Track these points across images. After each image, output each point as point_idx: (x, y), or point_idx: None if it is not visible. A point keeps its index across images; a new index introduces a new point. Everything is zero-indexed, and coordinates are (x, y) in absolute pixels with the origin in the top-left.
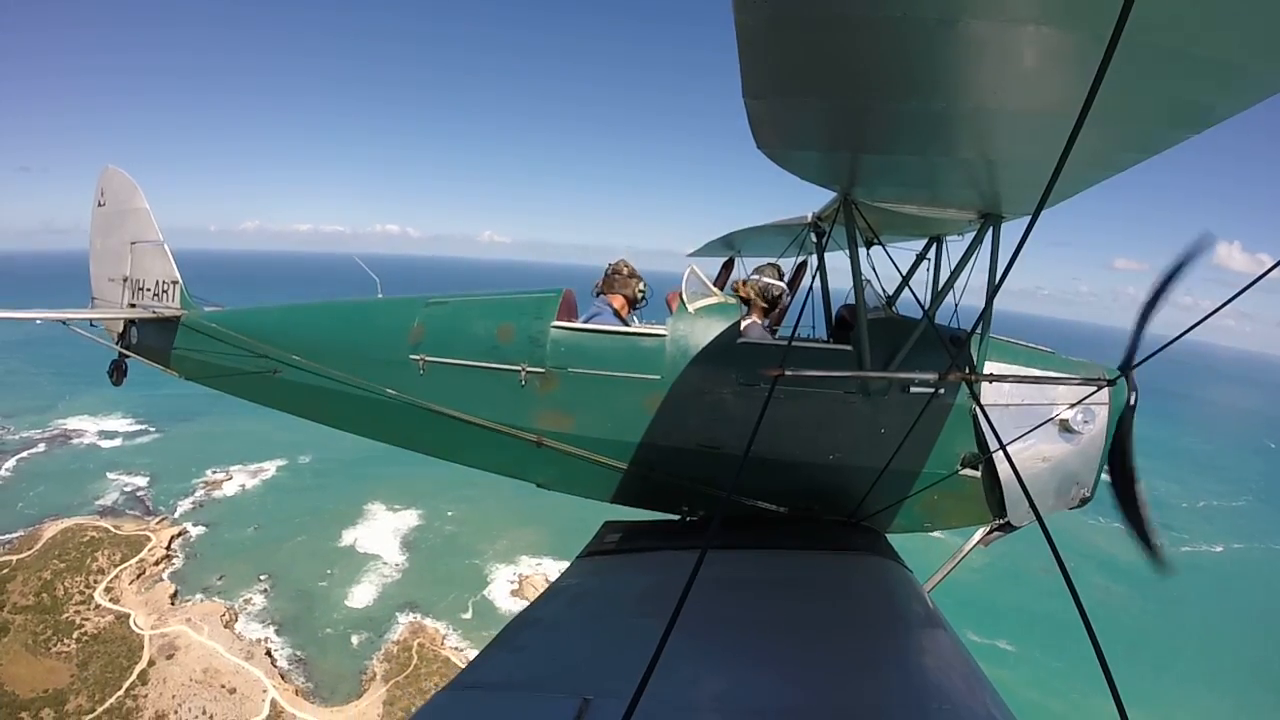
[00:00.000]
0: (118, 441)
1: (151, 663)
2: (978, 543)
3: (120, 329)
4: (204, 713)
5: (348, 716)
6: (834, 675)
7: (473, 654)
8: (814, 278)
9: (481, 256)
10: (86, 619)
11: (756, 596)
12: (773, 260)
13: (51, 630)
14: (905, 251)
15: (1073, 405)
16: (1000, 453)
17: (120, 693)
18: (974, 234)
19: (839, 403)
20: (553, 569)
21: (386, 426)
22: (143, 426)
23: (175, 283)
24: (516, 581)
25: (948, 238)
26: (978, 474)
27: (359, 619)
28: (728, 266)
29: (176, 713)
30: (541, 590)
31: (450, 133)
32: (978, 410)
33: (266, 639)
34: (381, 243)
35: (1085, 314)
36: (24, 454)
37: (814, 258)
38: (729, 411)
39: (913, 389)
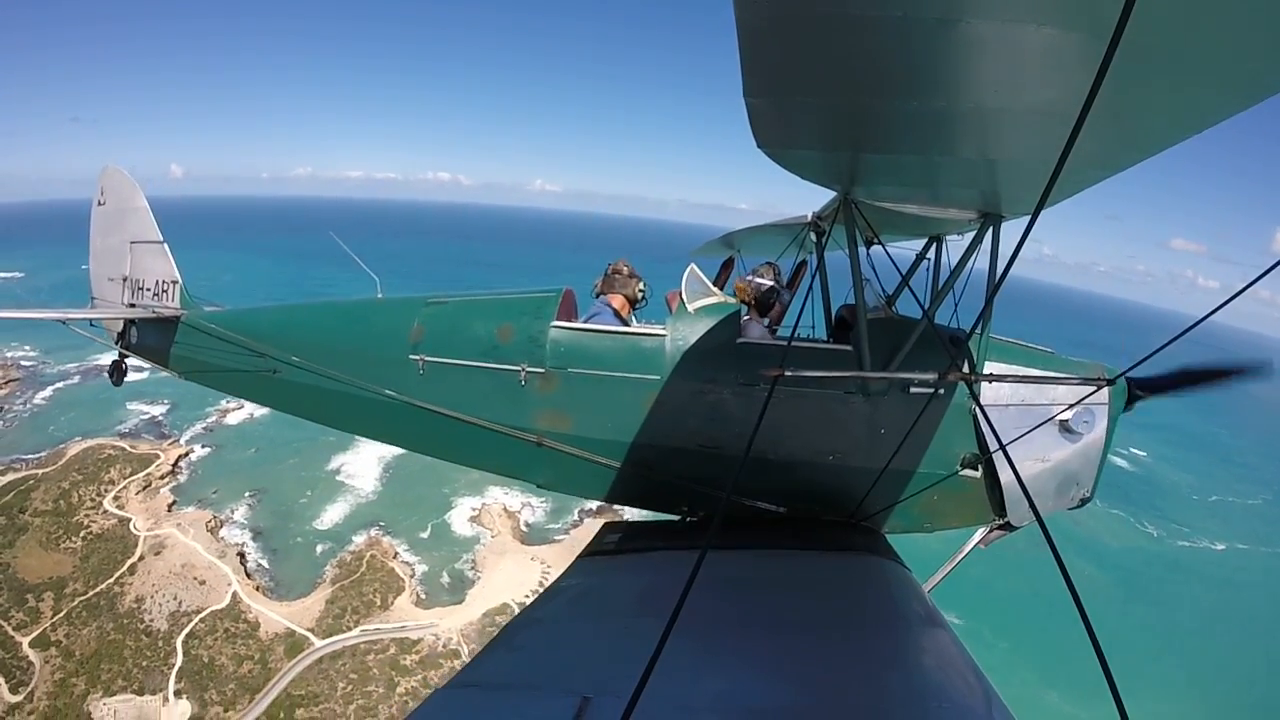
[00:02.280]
0: (144, 375)
1: (141, 558)
2: (978, 543)
3: (120, 329)
4: (174, 598)
5: (291, 610)
6: (834, 675)
7: (421, 568)
8: (814, 277)
9: (532, 205)
10: (94, 521)
11: (756, 596)
12: (771, 260)
13: (63, 530)
14: (905, 251)
15: (1072, 405)
16: (1000, 453)
17: (110, 580)
18: (974, 234)
19: (839, 403)
20: (513, 502)
21: (386, 426)
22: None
23: (175, 282)
24: (477, 510)
25: (948, 237)
26: (978, 474)
27: (327, 532)
28: (727, 266)
29: (153, 597)
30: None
31: (502, 80)
32: (977, 410)
33: (243, 544)
34: (433, 190)
35: (1142, 294)
36: (59, 385)
37: (814, 257)
38: (729, 412)
39: (912, 389)
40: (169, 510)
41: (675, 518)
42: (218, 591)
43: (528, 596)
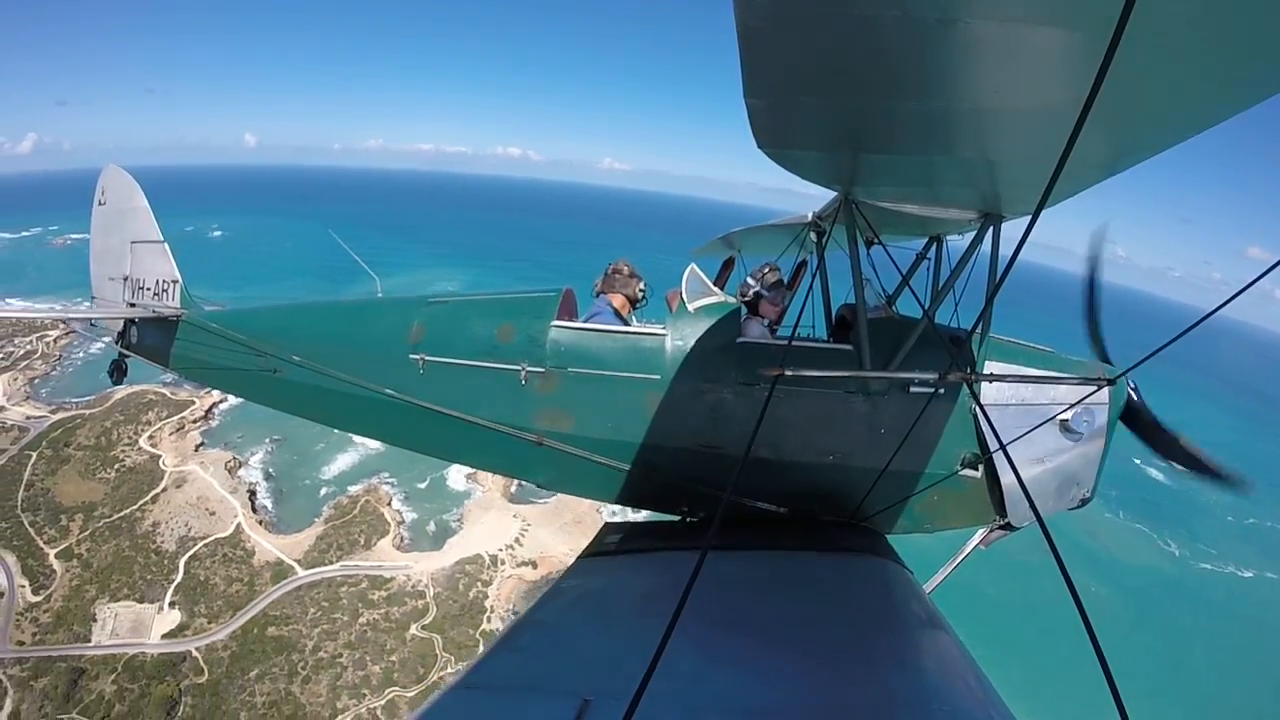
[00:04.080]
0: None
1: (164, 490)
2: (978, 543)
3: (120, 328)
4: (186, 525)
5: (284, 543)
6: (834, 675)
7: (410, 516)
8: (814, 277)
9: (600, 183)
10: (128, 456)
11: (757, 597)
12: (771, 262)
13: (100, 463)
14: (905, 251)
15: (1073, 405)
16: (1000, 453)
17: (134, 507)
18: (974, 234)
19: (839, 403)
20: None
21: (387, 426)
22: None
23: (175, 282)
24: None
25: (948, 237)
26: (978, 474)
27: (332, 478)
28: (727, 266)
29: (167, 523)
30: (546, 591)
31: (576, 57)
32: (978, 410)
33: (254, 483)
34: (502, 165)
35: (1214, 303)
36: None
37: (814, 257)
38: (729, 411)
39: (913, 389)
40: (195, 450)
41: (676, 518)
42: (224, 522)
43: (500, 549)
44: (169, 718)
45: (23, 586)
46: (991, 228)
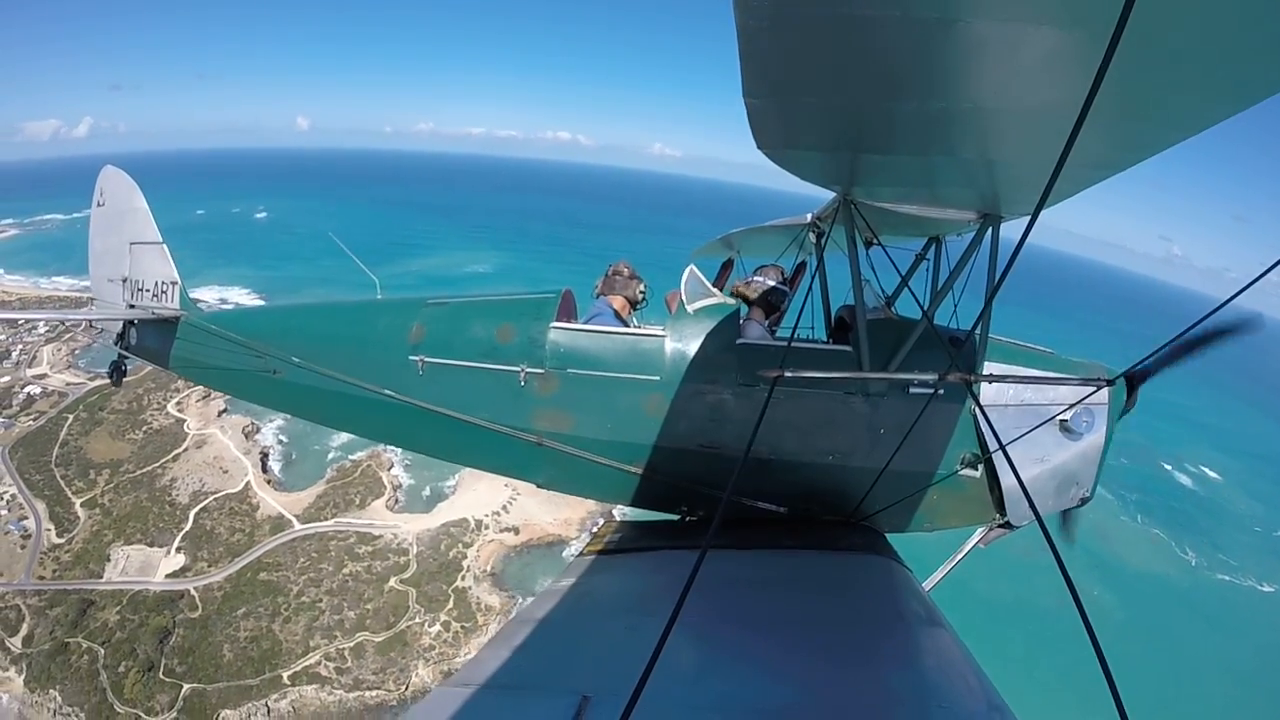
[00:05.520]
0: (230, 306)
1: (185, 450)
2: (977, 542)
3: (119, 329)
4: (200, 481)
5: (287, 500)
6: (834, 674)
7: (407, 481)
8: (813, 278)
9: (651, 169)
10: (156, 420)
11: (756, 596)
12: (775, 263)
13: (130, 425)
14: (904, 252)
15: (1072, 406)
16: (1000, 453)
17: (156, 465)
18: (974, 234)
19: (838, 403)
20: None
21: (386, 427)
22: (255, 298)
23: (174, 283)
24: None
25: (947, 238)
26: (977, 474)
27: (340, 445)
28: (727, 267)
29: (184, 479)
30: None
31: (624, 40)
32: (977, 410)
33: (268, 447)
34: (552, 149)
35: (1274, 306)
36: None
37: (813, 258)
38: (728, 412)
39: (912, 389)
40: (218, 416)
41: (675, 517)
42: (235, 480)
43: (486, 515)
44: (161, 645)
45: (49, 530)
46: (991, 228)
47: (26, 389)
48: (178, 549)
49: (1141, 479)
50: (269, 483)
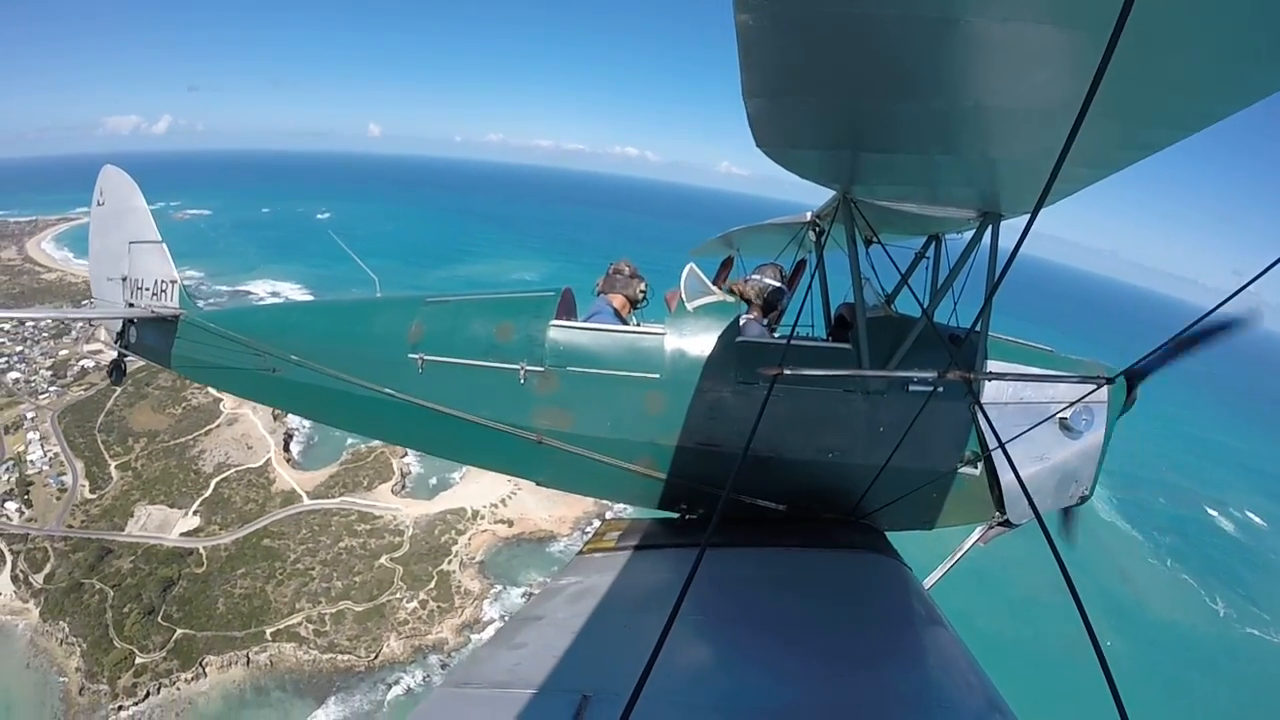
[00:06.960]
0: (280, 299)
1: (217, 426)
2: (977, 540)
3: (119, 328)
4: (226, 454)
5: (301, 478)
6: (833, 673)
7: (415, 469)
8: (813, 276)
9: (719, 187)
10: (195, 397)
11: (755, 594)
12: (774, 261)
13: (171, 400)
14: (904, 250)
15: (1072, 404)
16: (999, 451)
17: (189, 438)
18: (973, 232)
19: (838, 401)
20: None
21: (386, 425)
22: (304, 293)
23: (174, 282)
24: None
25: (947, 236)
26: (977, 472)
27: None
28: (726, 265)
29: (211, 452)
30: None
31: (694, 58)
32: (977, 409)
33: (294, 428)
34: (620, 164)
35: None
36: (208, 301)
37: (813, 256)
38: (728, 410)
39: (912, 388)
40: None
41: (674, 516)
42: (258, 455)
43: (484, 506)
44: (165, 593)
45: (84, 485)
46: (990, 226)
47: (81, 362)
48: (195, 512)
49: (1179, 521)
50: (288, 461)
